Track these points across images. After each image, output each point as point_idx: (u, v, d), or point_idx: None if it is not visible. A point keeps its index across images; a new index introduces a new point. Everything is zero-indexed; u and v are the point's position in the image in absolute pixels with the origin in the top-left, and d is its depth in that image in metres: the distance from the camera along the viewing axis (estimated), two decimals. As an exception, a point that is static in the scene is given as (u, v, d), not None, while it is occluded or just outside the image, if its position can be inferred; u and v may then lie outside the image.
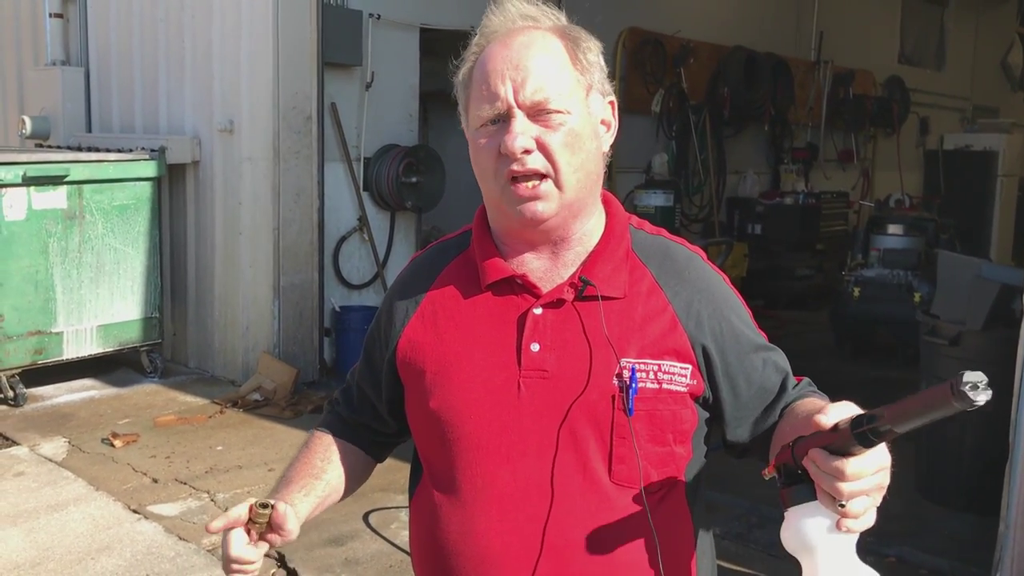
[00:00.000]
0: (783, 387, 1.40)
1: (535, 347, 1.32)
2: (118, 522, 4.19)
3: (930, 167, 12.34)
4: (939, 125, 13.22)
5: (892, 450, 1.27)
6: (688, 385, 1.32)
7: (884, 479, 1.07)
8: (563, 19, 1.35)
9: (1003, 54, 15.12)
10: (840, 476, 1.03)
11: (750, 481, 1.48)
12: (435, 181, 7.14)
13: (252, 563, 1.31)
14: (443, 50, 8.05)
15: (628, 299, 1.33)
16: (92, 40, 7.42)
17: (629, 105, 8.65)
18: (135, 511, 4.30)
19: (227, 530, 1.30)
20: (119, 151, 6.32)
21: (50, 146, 7.15)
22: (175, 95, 6.76)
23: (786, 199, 10.23)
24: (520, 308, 1.35)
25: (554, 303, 1.34)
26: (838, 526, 1.06)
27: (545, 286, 1.35)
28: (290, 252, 6.30)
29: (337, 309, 6.73)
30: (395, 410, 1.48)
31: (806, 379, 1.45)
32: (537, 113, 1.28)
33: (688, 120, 9.61)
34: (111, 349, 6.27)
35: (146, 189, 6.27)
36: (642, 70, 9.00)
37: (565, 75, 1.30)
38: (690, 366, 1.32)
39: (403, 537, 4.04)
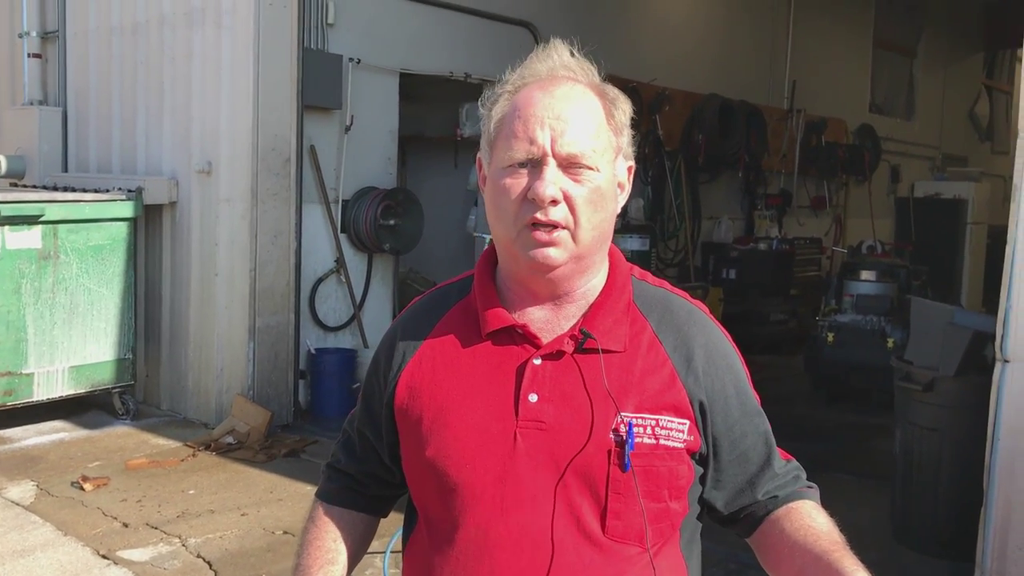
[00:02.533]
0: (768, 462, 1.39)
1: (533, 398, 1.31)
2: (87, 568, 4.10)
3: (901, 214, 12.52)
4: (909, 173, 13.45)
5: (866, 496, 1.28)
6: (685, 441, 1.31)
7: None
8: (597, 76, 1.36)
9: (971, 104, 15.44)
10: None
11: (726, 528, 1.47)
12: (413, 224, 7.16)
13: None
14: (422, 95, 8.15)
15: (628, 352, 1.33)
16: (71, 80, 7.43)
17: (606, 151, 8.75)
18: (104, 556, 4.22)
19: None
20: (95, 191, 6.30)
21: (25, 186, 7.11)
22: (153, 136, 6.76)
23: (760, 244, 10.33)
24: (520, 358, 1.33)
25: (554, 354, 1.33)
26: None
27: (545, 337, 1.34)
28: (266, 294, 6.28)
29: (312, 351, 6.70)
30: (396, 454, 1.45)
31: (794, 462, 1.44)
32: (569, 166, 1.28)
33: (664, 166, 9.72)
34: (83, 391, 6.19)
35: (122, 230, 6.24)
36: (619, 116, 9.09)
37: (601, 134, 1.31)
38: (688, 421, 1.31)
39: (378, 583, 3.99)
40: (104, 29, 7.11)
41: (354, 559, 1.50)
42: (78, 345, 6.11)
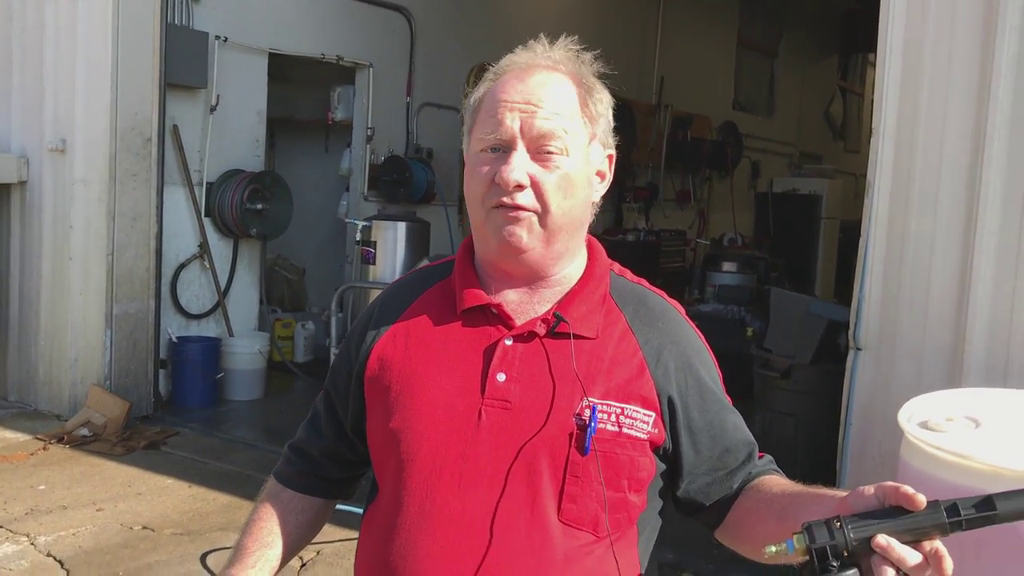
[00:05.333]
0: (750, 457, 1.39)
1: (501, 377, 1.32)
2: (-77, 570, 3.85)
3: (761, 208, 12.99)
4: (769, 169, 13.98)
5: None
6: (649, 433, 1.31)
7: None
8: (583, 68, 1.37)
9: (826, 105, 16.18)
10: (938, 563, 1.02)
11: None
12: (281, 208, 7.00)
13: None
14: (293, 76, 7.95)
15: (599, 340, 1.33)
16: (-94, 48, 6.91)
17: (479, 139, 8.77)
18: (-57, 558, 3.97)
19: None
20: (-66, 168, 5.89)
21: None
22: (0, 111, 6.36)
23: (628, 236, 10.56)
24: (491, 338, 1.35)
25: (525, 336, 1.34)
26: None
27: (519, 318, 1.36)
28: (125, 279, 6.01)
29: (174, 340, 6.46)
30: (358, 428, 1.46)
31: (768, 456, 1.45)
32: (537, 150, 1.30)
33: (536, 156, 9.79)
34: (-81, 381, 5.80)
35: (-35, 209, 5.86)
36: (492, 106, 9.12)
37: (573, 119, 1.32)
38: (654, 414, 1.31)
39: (243, 578, 3.88)
40: (-55, -6, 6.65)
41: (299, 542, 1.52)
42: (-86, 332, 5.71)
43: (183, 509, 4.62)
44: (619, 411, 1.30)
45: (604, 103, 1.38)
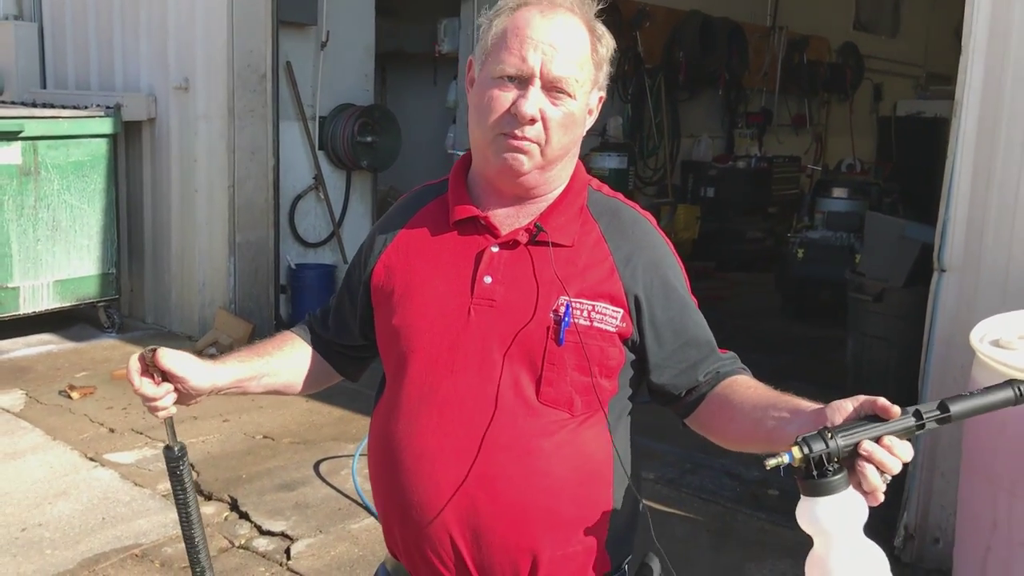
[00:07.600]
0: (711, 350, 1.58)
1: (487, 279, 1.52)
2: (75, 469, 4.31)
3: (883, 133, 12.52)
4: (893, 91, 13.39)
5: (811, 392, 1.45)
6: (617, 327, 1.50)
7: None
8: (591, 12, 1.52)
9: (957, 21, 15.30)
10: (901, 459, 1.18)
11: (684, 431, 1.65)
12: (390, 141, 7.23)
13: (157, 398, 1.57)
14: (400, 11, 8.12)
15: (575, 248, 1.53)
16: (46, -5, 7.40)
17: (585, 68, 8.76)
18: (92, 459, 4.42)
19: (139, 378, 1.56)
20: (74, 108, 6.34)
21: (3, 102, 7.13)
22: (131, 52, 6.77)
23: (739, 163, 10.39)
24: (480, 246, 1.55)
25: (509, 244, 1.54)
26: (870, 501, 1.19)
27: (504, 229, 1.55)
28: (245, 210, 6.38)
29: (293, 267, 6.83)
30: (365, 327, 1.69)
31: (732, 352, 1.62)
32: (550, 89, 1.46)
33: (643, 83, 9.72)
34: (68, 304, 6.35)
35: (102, 146, 6.30)
36: (598, 33, 9.06)
37: (585, 66, 1.49)
38: (621, 310, 1.50)
39: (351, 486, 4.21)
40: (78, -57, 7.06)
41: (294, 377, 1.73)
42: (62, 260, 6.24)
43: (300, 421, 4.99)
44: (591, 308, 1.49)
45: (608, 49, 1.54)
